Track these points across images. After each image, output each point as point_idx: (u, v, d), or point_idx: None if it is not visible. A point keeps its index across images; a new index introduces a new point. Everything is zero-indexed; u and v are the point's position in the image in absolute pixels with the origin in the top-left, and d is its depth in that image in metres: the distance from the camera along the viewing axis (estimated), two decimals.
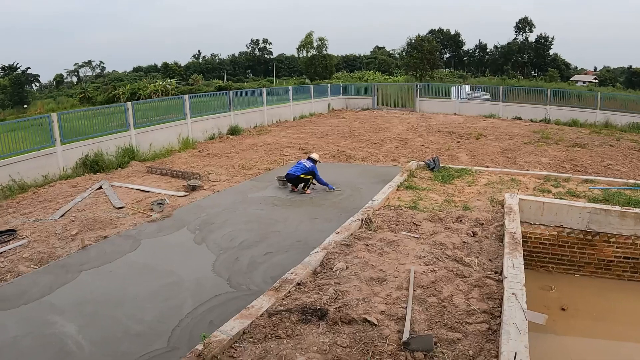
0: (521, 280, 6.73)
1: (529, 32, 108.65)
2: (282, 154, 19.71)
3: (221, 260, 9.04)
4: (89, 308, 7.34)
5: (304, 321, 6.06)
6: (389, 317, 6.18)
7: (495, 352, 5.37)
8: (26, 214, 12.22)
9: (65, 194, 13.92)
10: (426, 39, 72.45)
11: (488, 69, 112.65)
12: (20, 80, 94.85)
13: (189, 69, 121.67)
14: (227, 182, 15.02)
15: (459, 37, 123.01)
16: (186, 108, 22.67)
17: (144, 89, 71.15)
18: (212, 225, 11.04)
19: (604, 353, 8.18)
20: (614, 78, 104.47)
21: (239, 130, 25.93)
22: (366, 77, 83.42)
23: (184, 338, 6.36)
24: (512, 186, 12.83)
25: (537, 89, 38.23)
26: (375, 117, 33.85)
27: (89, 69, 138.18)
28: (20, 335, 6.56)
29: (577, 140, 23.81)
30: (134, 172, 16.79)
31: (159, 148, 20.24)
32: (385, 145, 22.02)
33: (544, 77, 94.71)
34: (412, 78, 65.84)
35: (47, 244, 10.04)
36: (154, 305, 7.36)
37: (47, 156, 15.85)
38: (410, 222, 10.04)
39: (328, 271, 7.68)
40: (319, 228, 10.60)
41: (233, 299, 7.48)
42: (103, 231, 10.74)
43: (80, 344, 6.31)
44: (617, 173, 16.97)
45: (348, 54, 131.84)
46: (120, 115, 19.63)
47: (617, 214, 10.10)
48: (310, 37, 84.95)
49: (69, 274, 8.55)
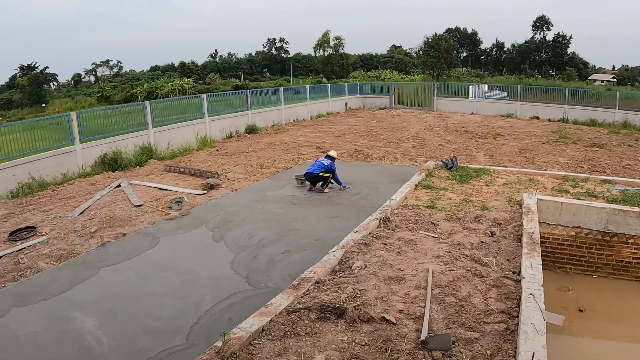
0: (539, 281, 6.71)
1: (547, 30, 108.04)
2: (300, 152, 19.74)
3: (240, 258, 9.08)
4: (108, 304, 7.41)
5: (323, 319, 6.07)
6: (407, 316, 6.18)
7: (513, 352, 5.35)
8: (46, 211, 12.34)
9: (84, 191, 14.04)
10: (443, 37, 72.48)
11: (505, 68, 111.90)
12: (38, 80, 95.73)
13: (206, 68, 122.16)
14: (245, 181, 15.07)
15: (476, 36, 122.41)
16: (204, 107, 22.76)
17: (161, 88, 71.64)
18: (231, 223, 11.08)
19: (621, 355, 8.12)
20: (632, 77, 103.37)
21: (256, 129, 26.00)
22: (383, 76, 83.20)
23: (203, 335, 6.40)
24: (530, 186, 12.76)
25: (555, 88, 37.95)
26: (393, 116, 33.79)
27: (106, 68, 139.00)
28: (41, 331, 6.64)
29: (595, 140, 23.62)
30: (152, 170, 16.90)
31: (177, 147, 20.34)
32: (402, 144, 21.98)
33: (562, 76, 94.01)
34: (429, 77, 65.75)
35: (66, 241, 10.13)
36: (172, 302, 7.41)
37: (66, 154, 16.00)
38: (428, 222, 10.02)
39: (347, 270, 7.69)
40: (337, 227, 10.61)
41: (251, 296, 7.51)
42: (122, 229, 10.82)
43: (100, 339, 6.38)
44: (635, 173, 16.81)
45: (365, 53, 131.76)
46: (138, 114, 19.75)
47: (636, 215, 10.01)
48: (326, 36, 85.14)
49: (88, 271, 8.64)
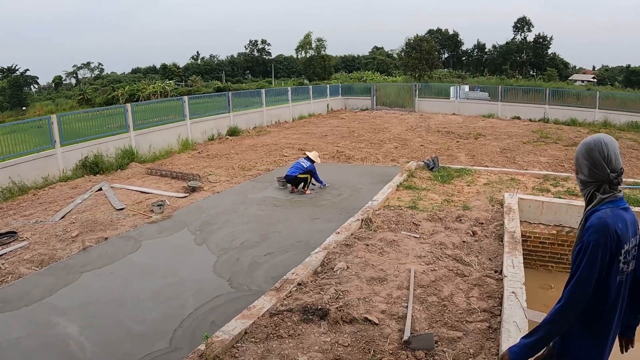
0: (521, 279, 6.77)
1: (527, 31, 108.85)
2: (282, 154, 19.73)
3: (222, 260, 9.05)
4: (90, 309, 7.36)
5: (306, 321, 6.09)
6: (389, 317, 6.21)
7: (496, 351, 5.40)
8: (26, 215, 12.24)
9: (65, 195, 13.94)
10: (425, 39, 72.65)
11: (487, 68, 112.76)
12: (19, 82, 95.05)
13: (188, 70, 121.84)
14: (227, 183, 15.04)
15: (458, 37, 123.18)
16: (185, 109, 22.68)
17: (142, 90, 71.25)
18: (213, 226, 11.06)
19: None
20: (612, 77, 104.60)
21: (238, 131, 25.95)
22: (365, 77, 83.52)
23: (186, 338, 6.38)
24: (511, 185, 12.86)
25: (535, 88, 38.26)
26: (374, 117, 33.86)
27: (87, 70, 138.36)
28: (23, 337, 6.58)
29: (576, 139, 23.80)
30: (134, 173, 16.81)
31: (158, 149, 20.25)
32: (384, 145, 22.03)
33: (543, 76, 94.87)
34: (411, 78, 65.94)
35: (47, 246, 10.05)
36: (155, 306, 7.38)
37: (46, 158, 15.87)
38: (410, 222, 10.07)
39: (329, 271, 7.71)
40: (320, 228, 10.62)
41: (234, 299, 7.49)
42: (104, 232, 10.76)
43: (83, 344, 6.33)
44: None
45: (346, 55, 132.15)
46: (119, 116, 19.64)
47: None
48: (308, 37, 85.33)
49: (70, 276, 8.57)
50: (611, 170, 3.09)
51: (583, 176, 3.25)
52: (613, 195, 3.14)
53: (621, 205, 3.14)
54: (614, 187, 3.14)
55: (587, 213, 3.22)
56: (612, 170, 3.09)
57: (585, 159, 3.20)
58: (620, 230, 3.03)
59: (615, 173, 3.10)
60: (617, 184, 3.13)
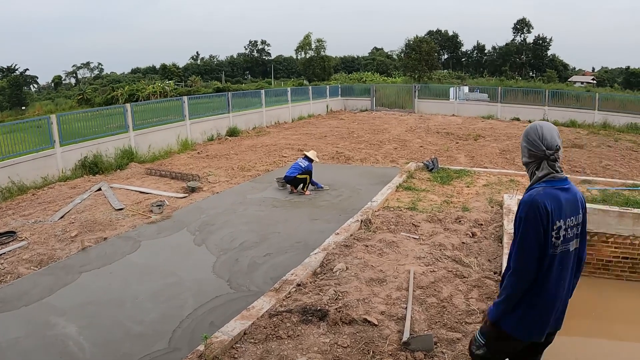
0: None
1: (527, 33, 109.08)
2: (281, 155, 19.72)
3: (221, 261, 9.05)
4: (89, 309, 7.35)
5: (305, 322, 6.09)
6: (389, 318, 6.21)
7: None
8: (26, 215, 12.23)
9: (64, 195, 13.93)
10: (424, 40, 72.62)
11: (486, 70, 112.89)
12: (18, 82, 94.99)
13: (187, 71, 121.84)
14: (227, 184, 15.03)
15: (457, 38, 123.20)
16: (185, 109, 22.67)
17: (142, 90, 71.17)
18: (212, 226, 11.06)
19: (603, 353, 8.20)
20: (612, 79, 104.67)
21: (237, 131, 25.94)
22: (364, 78, 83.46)
23: (185, 339, 6.38)
24: (510, 187, 12.87)
25: (535, 89, 38.34)
26: (374, 118, 33.86)
27: (87, 70, 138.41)
28: (22, 337, 6.57)
29: (575, 140, 23.84)
30: (133, 173, 16.80)
31: (158, 149, 20.24)
32: (384, 146, 22.03)
33: (542, 78, 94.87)
34: (411, 79, 65.92)
35: (47, 246, 10.04)
36: (154, 306, 7.38)
37: (46, 158, 15.85)
38: (409, 223, 10.08)
39: (328, 272, 7.72)
40: (319, 229, 10.62)
41: (234, 299, 7.49)
42: (103, 233, 10.75)
43: (82, 345, 6.32)
44: (615, 173, 17.00)
45: (346, 55, 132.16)
46: (119, 116, 19.62)
47: (616, 215, 10.14)
48: (308, 38, 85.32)
49: (69, 276, 8.56)
50: (546, 147, 3.40)
51: (525, 158, 3.60)
52: (552, 175, 3.42)
53: (558, 185, 3.41)
54: (552, 163, 3.42)
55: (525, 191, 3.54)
56: (547, 147, 3.40)
57: (524, 142, 3.57)
58: (549, 206, 3.29)
59: (551, 150, 3.39)
60: (555, 160, 3.41)
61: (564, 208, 3.38)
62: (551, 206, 3.31)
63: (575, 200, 3.47)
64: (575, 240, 3.50)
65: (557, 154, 3.42)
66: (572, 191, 3.47)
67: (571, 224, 3.43)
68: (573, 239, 3.47)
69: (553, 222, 3.31)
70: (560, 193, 3.40)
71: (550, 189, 3.39)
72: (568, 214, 3.40)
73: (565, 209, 3.38)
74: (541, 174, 3.46)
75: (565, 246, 3.43)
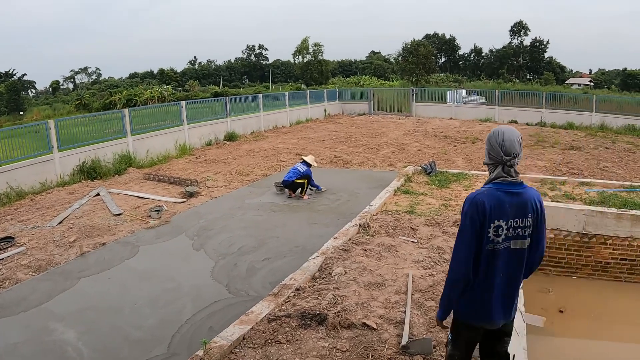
0: None
1: (524, 35, 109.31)
2: (279, 159, 19.73)
3: (220, 266, 9.04)
4: (88, 315, 7.34)
5: (304, 326, 6.09)
6: (387, 321, 6.21)
7: None
8: (24, 221, 12.22)
9: (62, 200, 13.92)
10: (422, 43, 73.02)
11: (483, 72, 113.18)
12: (16, 87, 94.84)
13: (185, 75, 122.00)
14: (225, 188, 15.03)
15: (454, 42, 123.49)
16: (183, 114, 22.69)
17: (140, 95, 71.14)
18: (211, 231, 11.05)
19: (602, 354, 8.22)
20: (609, 80, 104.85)
21: (235, 136, 25.97)
22: (362, 82, 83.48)
23: (184, 344, 6.37)
24: None
25: (532, 92, 38.41)
26: (372, 122, 33.90)
27: (85, 75, 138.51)
28: (21, 342, 6.56)
29: (573, 143, 23.90)
30: (132, 178, 16.80)
31: (156, 154, 20.25)
32: (381, 150, 22.06)
33: (540, 80, 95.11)
34: (408, 83, 66.15)
35: (45, 251, 10.03)
36: (153, 312, 7.37)
37: (44, 163, 15.85)
38: (407, 227, 10.08)
39: (327, 276, 7.71)
40: (317, 233, 10.62)
41: (232, 304, 7.49)
42: (101, 238, 10.74)
43: (81, 350, 6.32)
44: (613, 175, 17.03)
45: (344, 59, 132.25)
46: (117, 121, 19.65)
47: (614, 216, 10.16)
48: (306, 42, 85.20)
49: (68, 281, 8.55)
50: (504, 153, 3.67)
51: (486, 159, 3.91)
52: (503, 178, 3.70)
53: (506, 189, 3.68)
54: (507, 169, 3.68)
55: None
56: (505, 153, 3.66)
57: (487, 145, 3.88)
58: (488, 206, 3.60)
59: (508, 157, 3.65)
60: (510, 166, 3.67)
61: (507, 210, 3.64)
62: (490, 206, 3.61)
63: (525, 204, 3.70)
64: (522, 241, 3.75)
65: (514, 160, 3.66)
66: (523, 196, 3.71)
67: (515, 225, 3.68)
68: (518, 239, 3.72)
69: (491, 221, 3.61)
70: (505, 196, 3.66)
71: (495, 191, 3.67)
72: (512, 215, 3.66)
73: (509, 211, 3.65)
74: (493, 176, 3.76)
75: (507, 244, 3.70)
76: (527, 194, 3.74)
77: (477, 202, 3.64)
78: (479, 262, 3.74)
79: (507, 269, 3.77)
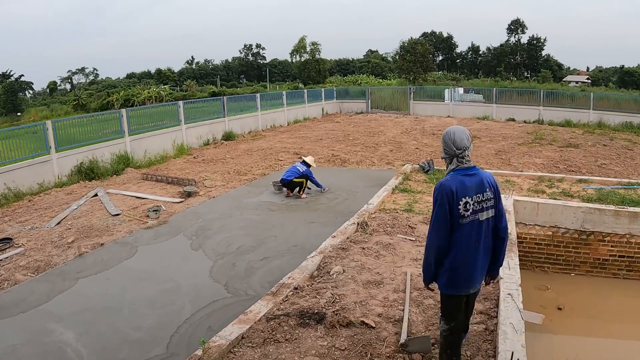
0: (517, 281, 6.78)
1: (521, 33, 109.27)
2: (277, 158, 19.72)
3: (218, 265, 9.05)
4: (87, 315, 7.34)
5: (302, 325, 6.09)
6: (386, 320, 6.22)
7: (493, 352, 5.41)
8: (22, 222, 12.21)
9: (60, 201, 13.91)
10: (419, 42, 72.94)
11: (481, 70, 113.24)
12: (13, 88, 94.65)
13: (183, 75, 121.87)
14: (223, 188, 15.02)
15: (452, 40, 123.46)
16: (180, 114, 22.65)
17: (137, 95, 71.14)
18: (209, 231, 11.05)
19: (600, 351, 8.23)
20: (606, 78, 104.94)
21: (233, 135, 25.94)
22: (359, 80, 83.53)
23: (183, 344, 6.37)
24: (506, 187, 12.88)
25: (530, 90, 38.40)
26: (369, 120, 33.88)
27: (82, 75, 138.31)
28: (19, 344, 6.55)
29: (570, 140, 23.90)
30: (129, 179, 16.78)
31: (153, 154, 20.22)
32: (379, 148, 22.05)
33: (537, 78, 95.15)
34: (406, 81, 66.08)
35: (43, 252, 10.02)
36: (152, 312, 7.37)
37: (42, 164, 15.83)
38: (405, 225, 10.08)
39: (325, 275, 7.71)
40: (315, 232, 10.62)
41: (231, 304, 7.49)
42: (99, 238, 10.73)
43: (80, 351, 6.32)
44: (610, 172, 17.03)
45: (341, 58, 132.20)
46: (114, 122, 19.61)
47: (612, 213, 10.17)
48: (303, 41, 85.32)
49: (66, 282, 8.55)
50: (456, 148, 4.54)
51: (443, 154, 4.74)
52: (460, 166, 4.57)
53: (464, 173, 4.55)
54: (461, 160, 4.56)
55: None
56: (457, 148, 4.54)
57: (442, 142, 4.69)
58: (455, 188, 4.43)
59: (460, 150, 4.54)
60: (462, 157, 4.55)
61: (469, 188, 4.48)
62: (456, 188, 4.43)
63: (481, 182, 4.56)
64: (487, 212, 4.58)
65: (464, 152, 4.54)
66: (478, 176, 4.58)
67: (478, 199, 4.51)
68: (483, 210, 4.55)
69: (459, 199, 4.42)
70: (465, 178, 4.52)
71: (457, 176, 4.53)
72: (474, 192, 4.49)
73: (470, 189, 4.49)
74: (452, 167, 4.62)
75: (475, 216, 4.51)
76: (481, 174, 4.63)
77: (444, 187, 4.46)
78: (457, 237, 4.51)
79: (476, 237, 4.54)
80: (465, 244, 4.51)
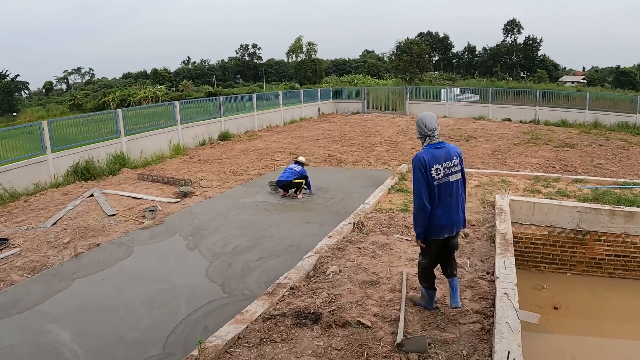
0: (513, 280, 6.78)
1: (517, 33, 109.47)
2: (273, 159, 19.72)
3: (215, 265, 9.04)
4: (83, 316, 7.33)
5: (298, 325, 6.09)
6: (382, 319, 6.22)
7: (489, 352, 5.41)
8: (18, 222, 12.19)
9: (56, 202, 13.88)
10: (415, 42, 72.99)
11: (477, 71, 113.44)
12: (9, 88, 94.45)
13: (179, 75, 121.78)
14: (219, 188, 15.02)
15: (448, 40, 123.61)
16: (176, 114, 22.64)
17: (133, 95, 71.18)
18: (205, 231, 11.04)
19: (596, 350, 8.24)
20: (602, 78, 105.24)
21: (229, 135, 25.93)
22: (356, 80, 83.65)
23: (179, 344, 6.37)
24: (502, 187, 12.90)
25: (526, 90, 38.53)
26: (366, 120, 33.91)
27: (78, 76, 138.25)
28: (16, 344, 6.54)
29: (566, 140, 23.97)
30: (126, 179, 16.76)
31: (150, 155, 20.20)
32: (375, 148, 22.07)
33: (533, 78, 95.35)
34: (402, 81, 66.15)
35: (39, 253, 10.01)
36: (148, 312, 7.36)
37: (38, 164, 15.79)
38: (401, 225, 10.09)
39: (321, 275, 7.71)
40: (312, 232, 10.63)
41: (227, 304, 7.49)
42: (95, 239, 10.72)
43: (76, 352, 6.31)
44: (606, 172, 17.09)
45: (337, 58, 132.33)
46: (110, 122, 19.58)
47: (607, 213, 10.18)
48: (299, 41, 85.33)
49: (63, 282, 8.54)
50: (427, 129, 5.86)
51: (418, 134, 6.04)
52: (431, 142, 5.86)
53: (433, 146, 5.85)
54: (432, 137, 5.86)
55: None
56: (428, 129, 5.86)
57: (417, 125, 5.99)
58: (427, 158, 5.72)
59: (430, 131, 5.85)
60: (433, 136, 5.86)
61: (439, 157, 5.76)
62: (428, 158, 5.72)
63: (449, 152, 5.85)
64: (455, 175, 5.87)
65: (434, 132, 5.85)
66: (445, 148, 5.87)
67: (447, 166, 5.80)
68: (452, 174, 5.84)
69: (431, 166, 5.70)
70: (435, 150, 5.81)
71: (429, 149, 5.83)
72: (442, 160, 5.77)
73: (440, 158, 5.76)
74: (425, 144, 5.91)
75: (446, 179, 5.79)
76: (448, 147, 5.94)
77: (419, 158, 5.75)
78: (435, 195, 5.78)
79: (449, 193, 5.85)
80: (441, 201, 5.80)
